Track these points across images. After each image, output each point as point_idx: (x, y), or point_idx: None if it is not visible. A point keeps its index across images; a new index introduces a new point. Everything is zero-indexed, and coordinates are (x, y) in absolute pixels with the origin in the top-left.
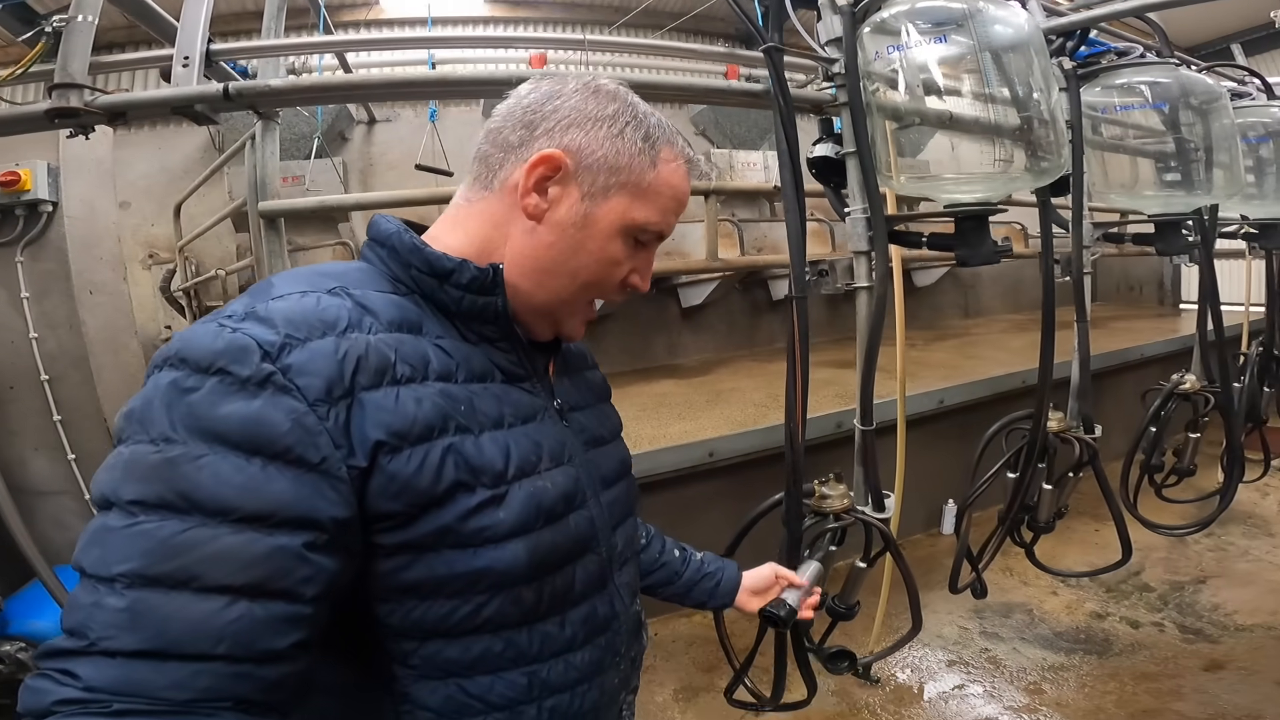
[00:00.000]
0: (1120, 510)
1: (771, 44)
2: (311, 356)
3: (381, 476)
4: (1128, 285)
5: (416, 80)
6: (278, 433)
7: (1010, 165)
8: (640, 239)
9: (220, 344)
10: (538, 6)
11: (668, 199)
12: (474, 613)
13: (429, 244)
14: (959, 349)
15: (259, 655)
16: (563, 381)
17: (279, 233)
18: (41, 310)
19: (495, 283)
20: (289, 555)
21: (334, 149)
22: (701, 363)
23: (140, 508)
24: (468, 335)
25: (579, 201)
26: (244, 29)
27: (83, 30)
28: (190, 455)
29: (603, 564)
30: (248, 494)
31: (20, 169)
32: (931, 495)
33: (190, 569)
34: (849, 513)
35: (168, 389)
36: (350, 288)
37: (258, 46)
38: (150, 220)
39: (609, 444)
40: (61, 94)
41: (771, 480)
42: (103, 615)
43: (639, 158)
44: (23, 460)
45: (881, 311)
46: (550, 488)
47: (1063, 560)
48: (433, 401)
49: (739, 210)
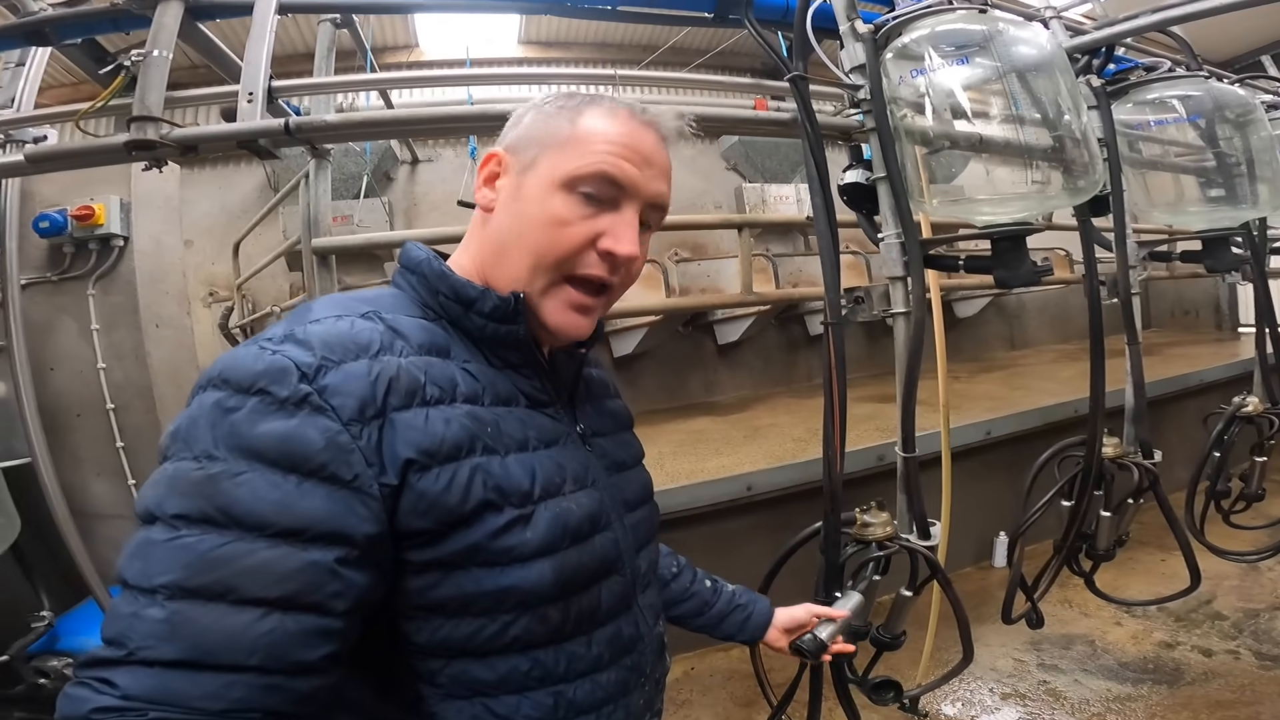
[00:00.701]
0: (1186, 536)
1: (797, 73)
2: (346, 378)
3: (411, 494)
4: (1182, 310)
5: (458, 115)
6: (312, 450)
7: (1045, 186)
8: (586, 192)
9: (260, 365)
10: (569, 47)
11: (599, 141)
12: (501, 631)
13: (454, 270)
14: (1005, 380)
15: (290, 667)
16: (585, 408)
17: (330, 270)
18: (110, 341)
19: (517, 311)
20: (321, 570)
21: (380, 189)
22: (738, 399)
23: (183, 522)
24: (493, 360)
25: (514, 178)
26: (295, 70)
27: (159, 65)
28: (230, 472)
29: (627, 585)
30: (283, 510)
31: (95, 203)
32: (981, 528)
33: (227, 582)
34: (892, 540)
35: (211, 408)
36: (383, 312)
37: (314, 84)
38: (211, 259)
39: (631, 469)
40: (140, 127)
41: (811, 514)
42: (143, 625)
43: (555, 120)
44: (85, 484)
45: (920, 337)
46: (575, 509)
47: (1126, 591)
48: (460, 423)
49: (773, 245)
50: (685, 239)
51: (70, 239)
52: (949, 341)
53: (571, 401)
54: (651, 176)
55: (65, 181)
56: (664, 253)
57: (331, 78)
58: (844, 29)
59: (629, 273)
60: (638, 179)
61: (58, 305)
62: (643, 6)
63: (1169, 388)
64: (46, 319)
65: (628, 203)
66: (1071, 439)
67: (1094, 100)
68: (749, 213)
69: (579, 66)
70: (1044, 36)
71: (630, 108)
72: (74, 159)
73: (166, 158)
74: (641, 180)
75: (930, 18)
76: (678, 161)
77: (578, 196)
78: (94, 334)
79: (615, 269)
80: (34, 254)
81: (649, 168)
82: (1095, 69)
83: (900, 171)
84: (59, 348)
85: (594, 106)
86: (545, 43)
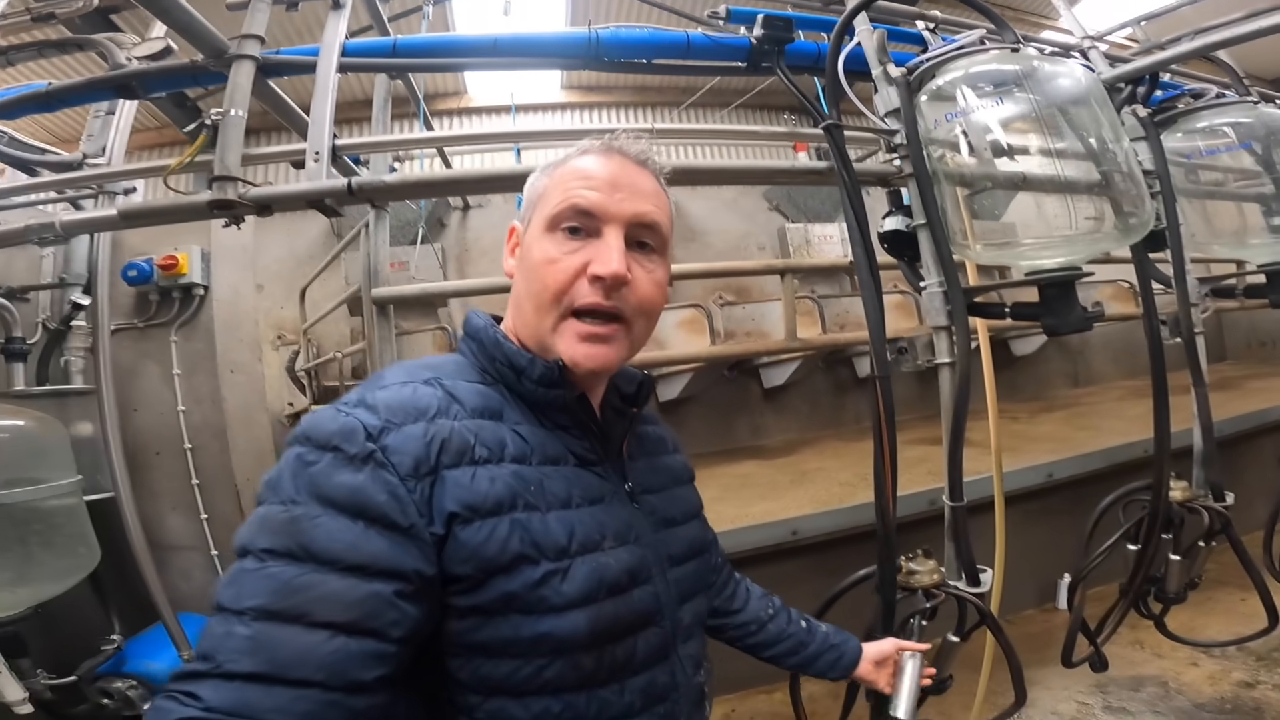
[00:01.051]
0: (1261, 577)
1: (831, 121)
2: (404, 439)
3: (455, 543)
4: (1258, 340)
5: (505, 174)
6: (376, 501)
7: (1099, 223)
8: (567, 227)
9: (335, 426)
10: (610, 91)
11: (565, 181)
12: (535, 674)
13: (509, 336)
14: (1068, 420)
15: (349, 685)
16: (638, 465)
17: (388, 317)
18: (190, 386)
19: (561, 377)
20: (381, 600)
21: (434, 235)
22: (785, 443)
23: (269, 555)
24: (545, 422)
25: (522, 243)
26: (355, 117)
27: (235, 125)
28: (309, 515)
29: (666, 636)
30: (351, 549)
31: (179, 253)
32: (1044, 570)
33: (303, 606)
34: (940, 588)
35: (295, 461)
36: (444, 378)
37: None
38: (280, 303)
39: (681, 525)
40: (220, 186)
41: (858, 558)
42: (232, 642)
43: (541, 179)
44: (161, 517)
45: (966, 387)
46: (613, 564)
47: (1204, 631)
48: (505, 481)
49: (818, 286)
50: (729, 283)
51: (156, 287)
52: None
53: (622, 459)
54: (622, 199)
55: (151, 231)
56: (708, 297)
57: (389, 136)
58: (876, 73)
59: (637, 297)
60: (607, 203)
61: (143, 350)
62: (677, 59)
63: (1244, 424)
64: (132, 363)
65: (608, 227)
66: (1135, 484)
67: (1141, 131)
68: (793, 254)
69: (621, 110)
70: (1079, 71)
71: (596, 144)
72: (162, 216)
73: (244, 215)
74: (612, 203)
75: (963, 59)
76: (719, 204)
77: (561, 234)
78: (175, 378)
79: (610, 292)
80: (122, 301)
81: (617, 190)
82: (1140, 98)
83: (941, 217)
84: (143, 390)
85: (568, 156)
86: (587, 88)
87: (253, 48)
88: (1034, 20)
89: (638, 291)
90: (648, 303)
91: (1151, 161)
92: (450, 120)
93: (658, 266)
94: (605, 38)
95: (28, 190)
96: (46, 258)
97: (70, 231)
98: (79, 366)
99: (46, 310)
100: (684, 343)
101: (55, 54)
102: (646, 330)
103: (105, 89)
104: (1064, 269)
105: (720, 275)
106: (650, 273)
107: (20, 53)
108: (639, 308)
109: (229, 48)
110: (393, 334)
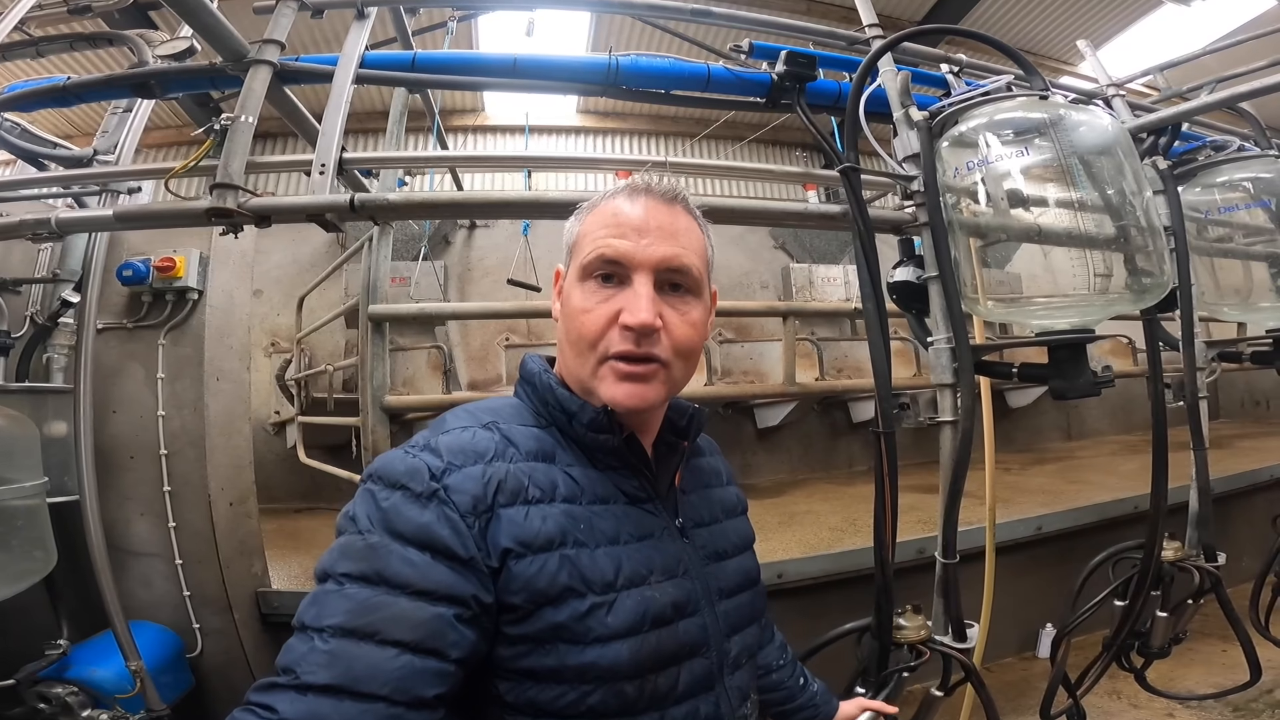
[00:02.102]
0: (1247, 633)
1: (848, 164)
2: (464, 479)
3: (508, 575)
4: (1253, 400)
5: (514, 201)
6: (440, 534)
7: (1109, 280)
8: (599, 275)
9: (404, 467)
10: (624, 117)
11: (596, 229)
12: (580, 699)
13: (562, 380)
14: (1061, 473)
15: (411, 700)
16: (689, 498)
17: (383, 335)
18: (172, 391)
19: (610, 422)
20: (444, 622)
21: (438, 251)
22: (775, 483)
23: (348, 579)
24: (596, 463)
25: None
26: (370, 128)
27: (244, 131)
28: (384, 545)
29: (711, 667)
30: (419, 576)
31: (177, 256)
32: (1026, 618)
33: (376, 625)
34: (926, 644)
35: (368, 498)
36: (500, 423)
37: (382, 157)
38: (277, 310)
39: (731, 558)
40: (220, 194)
41: (844, 604)
42: (313, 656)
43: (573, 228)
44: (128, 522)
45: (968, 447)
46: (659, 597)
47: (1184, 682)
48: (556, 520)
49: (819, 329)
50: (729, 319)
51: (150, 289)
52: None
53: (673, 493)
54: (650, 244)
55: (153, 231)
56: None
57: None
58: (898, 116)
59: (672, 340)
60: (634, 250)
61: (129, 352)
62: (696, 91)
63: (1238, 483)
64: (117, 364)
65: (637, 274)
66: (1128, 543)
67: (1160, 184)
68: (796, 294)
69: (634, 139)
70: (1107, 120)
71: (623, 187)
72: (158, 219)
73: (243, 224)
74: (638, 250)
75: (989, 104)
76: (724, 239)
77: (593, 283)
78: (159, 382)
79: (641, 340)
80: (114, 300)
81: (644, 235)
82: (1161, 149)
83: (954, 271)
84: (124, 392)
85: (590, 206)
86: (602, 113)
87: (272, 53)
88: (1052, 65)
89: (672, 335)
90: (683, 345)
91: (1168, 216)
92: (466, 137)
93: (692, 307)
94: (625, 66)
95: (32, 184)
96: (44, 251)
97: (65, 229)
98: (60, 364)
99: (37, 304)
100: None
101: (86, 48)
102: (686, 370)
103: (122, 87)
104: (1075, 330)
105: (721, 315)
106: (684, 315)
107: (51, 45)
108: (675, 350)
109: (249, 52)
110: (386, 350)
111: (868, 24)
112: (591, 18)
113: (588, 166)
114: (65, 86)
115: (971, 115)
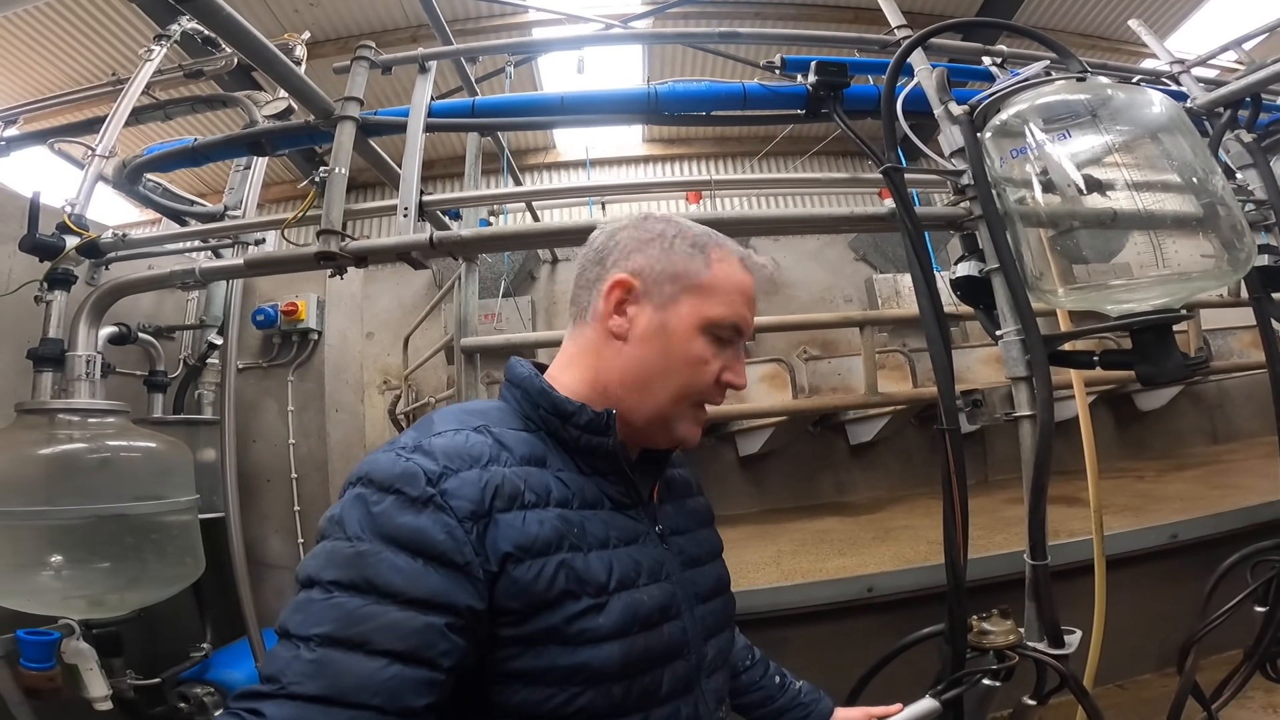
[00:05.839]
0: None
1: (889, 164)
2: (462, 484)
3: (507, 579)
4: None
5: (580, 228)
6: (435, 540)
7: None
8: (719, 335)
9: (397, 470)
10: (690, 143)
11: (731, 292)
12: (569, 700)
13: (553, 385)
14: (1204, 479)
15: (401, 710)
16: (665, 508)
17: (476, 367)
18: (300, 422)
19: (609, 425)
20: (435, 632)
21: (525, 288)
22: (872, 500)
23: (336, 587)
24: (584, 468)
25: (654, 313)
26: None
27: (338, 181)
28: (373, 551)
29: (691, 669)
30: (411, 584)
31: (299, 300)
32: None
33: (365, 635)
34: (1014, 649)
35: (358, 501)
36: (491, 426)
37: (455, 198)
38: (387, 350)
39: (706, 564)
40: (325, 240)
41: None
42: (297, 665)
43: (692, 262)
44: (265, 538)
45: (1047, 441)
46: (647, 600)
47: None
48: (552, 524)
49: (910, 339)
50: (814, 336)
51: (278, 331)
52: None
53: (653, 502)
54: (752, 316)
55: (278, 280)
56: (791, 351)
57: (471, 192)
58: (938, 112)
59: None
60: (750, 322)
61: (264, 388)
62: (735, 110)
63: None
64: (255, 399)
65: (740, 340)
66: (1264, 543)
67: (1248, 158)
68: (881, 305)
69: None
70: (1157, 97)
71: (742, 258)
72: (279, 265)
73: (346, 266)
74: (750, 322)
75: (1027, 91)
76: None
77: (710, 337)
78: (289, 414)
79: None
80: (250, 341)
81: (753, 310)
82: (1245, 123)
83: (1016, 261)
84: (262, 423)
85: (716, 248)
86: (667, 140)
87: (353, 109)
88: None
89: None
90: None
91: (1263, 190)
92: (540, 175)
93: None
94: (664, 93)
95: (177, 239)
96: (192, 301)
97: (207, 277)
98: (209, 399)
99: (188, 348)
100: (764, 396)
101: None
102: None
103: (240, 145)
104: (1159, 311)
105: (797, 328)
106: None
107: (177, 107)
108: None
109: (335, 109)
110: (478, 380)
111: (896, 25)
112: (643, 48)
113: (646, 191)
114: (194, 147)
115: (1011, 103)
